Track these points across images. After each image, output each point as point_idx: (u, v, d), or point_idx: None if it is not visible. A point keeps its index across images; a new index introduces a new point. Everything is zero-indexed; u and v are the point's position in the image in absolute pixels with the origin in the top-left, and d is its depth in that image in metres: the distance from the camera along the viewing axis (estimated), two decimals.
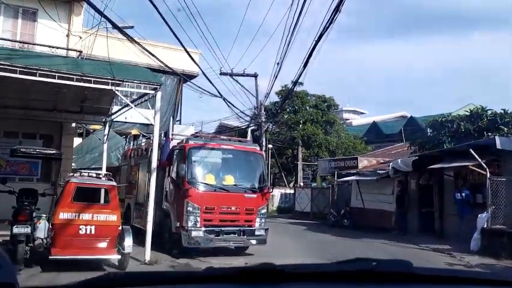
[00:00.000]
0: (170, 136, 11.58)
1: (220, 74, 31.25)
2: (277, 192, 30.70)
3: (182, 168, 10.18)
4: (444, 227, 15.29)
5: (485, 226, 12.27)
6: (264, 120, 30.57)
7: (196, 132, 12.13)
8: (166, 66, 22.40)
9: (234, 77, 31.31)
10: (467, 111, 18.43)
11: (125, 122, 21.96)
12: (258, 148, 11.99)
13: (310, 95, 33.66)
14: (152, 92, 9.92)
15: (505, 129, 16.52)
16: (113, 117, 13.54)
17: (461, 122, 17.93)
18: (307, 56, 9.69)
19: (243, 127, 32.28)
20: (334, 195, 24.45)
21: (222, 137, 11.64)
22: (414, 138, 24.94)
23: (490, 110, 17.99)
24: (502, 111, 17.50)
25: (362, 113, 65.48)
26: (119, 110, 12.97)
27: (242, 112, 30.35)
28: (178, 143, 11.38)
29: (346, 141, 33.68)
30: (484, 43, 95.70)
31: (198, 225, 10.32)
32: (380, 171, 19.35)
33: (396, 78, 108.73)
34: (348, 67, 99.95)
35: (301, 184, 28.11)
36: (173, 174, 11.04)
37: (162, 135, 12.14)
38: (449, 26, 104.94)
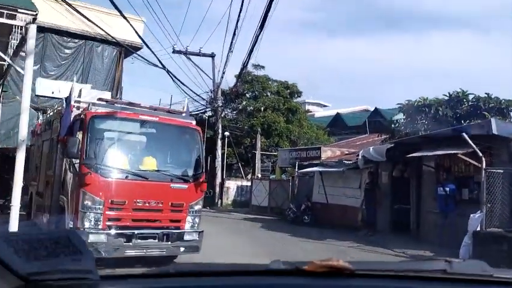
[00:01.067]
0: (73, 103, 8.29)
1: (173, 52, 28.03)
2: (233, 185, 27.74)
3: (74, 145, 6.96)
4: (422, 227, 12.75)
5: (479, 229, 9.71)
6: (220, 105, 27.51)
7: (107, 99, 8.82)
8: (103, 30, 19.07)
9: (188, 56, 28.22)
10: (445, 95, 15.99)
11: (52, 98, 18.38)
12: (194, 122, 8.89)
13: (273, 80, 30.77)
14: (21, 23, 6.63)
15: (489, 115, 14.15)
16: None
17: (440, 107, 15.47)
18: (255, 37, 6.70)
19: (198, 113, 29.11)
20: (294, 188, 21.73)
21: (143, 104, 8.44)
22: (379, 129, 22.80)
23: (472, 94, 15.64)
24: (486, 95, 15.19)
25: (325, 106, 63.36)
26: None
27: (197, 94, 27.19)
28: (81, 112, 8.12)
29: (309, 131, 31.07)
30: (444, 42, 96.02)
31: (99, 226, 7.17)
32: (347, 162, 16.69)
33: (358, 74, 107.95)
34: (311, 62, 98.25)
35: (259, 176, 25.23)
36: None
37: (64, 101, 8.87)
38: (409, 25, 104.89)
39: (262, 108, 29.13)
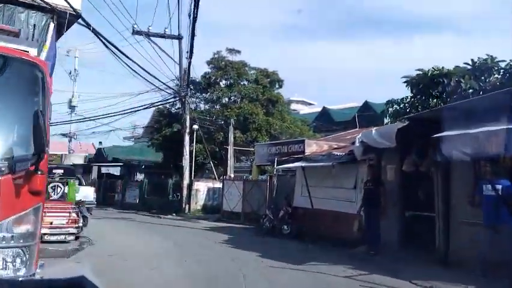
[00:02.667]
0: None
1: (133, 33, 23.56)
2: (203, 187, 23.24)
3: None
4: (453, 246, 8.40)
5: None
6: (188, 94, 23.00)
7: None
8: None
9: (150, 37, 23.72)
10: (467, 63, 11.74)
11: None
12: (34, 53, 4.44)
13: (250, 67, 26.39)
14: None
15: None
16: None
17: (462, 77, 11.22)
18: None
19: (161, 104, 24.56)
20: (272, 190, 17.31)
21: None
22: (370, 124, 18.87)
23: (503, 61, 11.41)
24: None
25: (310, 104, 59.23)
26: None
27: (162, 83, 22.63)
28: None
29: (292, 125, 26.70)
30: (424, 46, 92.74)
31: None
32: (338, 154, 12.37)
33: (344, 75, 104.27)
34: (296, 63, 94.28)
35: (232, 176, 20.74)
36: None
37: None
38: (390, 29, 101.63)
39: (238, 98, 24.72)
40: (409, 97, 12.47)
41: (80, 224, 11.86)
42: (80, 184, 19.75)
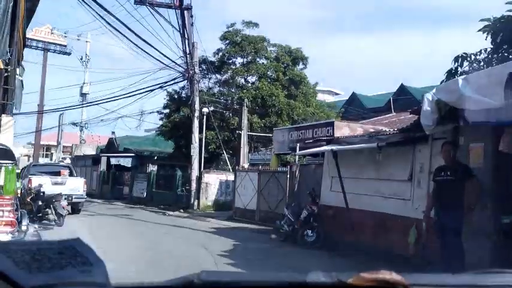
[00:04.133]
0: None
1: (136, 2, 20.30)
2: (214, 179, 19.72)
3: None
4: None
5: None
6: (197, 71, 19.47)
7: None
8: None
9: (155, 7, 20.32)
10: None
11: None
12: None
13: (269, 43, 22.62)
14: None
15: None
16: None
17: None
18: None
19: (166, 85, 21.06)
20: (293, 184, 13.63)
21: None
22: (408, 108, 14.95)
23: None
24: None
25: (337, 94, 54.95)
26: None
27: (163, 54, 19.15)
28: None
29: (317, 110, 22.85)
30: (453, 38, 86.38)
31: None
32: (386, 131, 8.60)
33: (370, 68, 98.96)
34: (321, 55, 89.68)
35: (245, 166, 17.06)
36: None
37: None
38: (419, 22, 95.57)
39: (255, 77, 21.05)
40: (489, 49, 8.51)
41: (24, 228, 8.46)
42: (70, 175, 16.56)
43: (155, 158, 30.24)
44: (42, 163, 17.94)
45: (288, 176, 13.91)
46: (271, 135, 18.42)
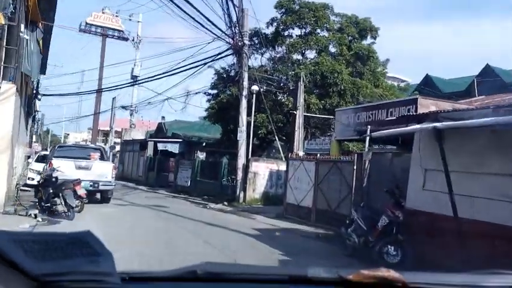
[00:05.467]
0: None
1: None
2: (263, 169, 16.85)
3: None
4: None
5: None
6: (247, 43, 16.58)
7: None
8: None
9: None
10: None
11: None
12: None
13: (332, 11, 19.18)
14: None
15: None
16: None
17: None
18: None
19: (211, 60, 18.22)
20: (361, 177, 10.40)
21: None
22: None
23: None
24: None
25: (404, 81, 49.98)
26: None
27: (210, 21, 16.41)
28: None
29: (387, 92, 19.20)
30: None
31: None
32: None
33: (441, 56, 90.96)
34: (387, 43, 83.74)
35: (300, 154, 13.89)
36: None
37: None
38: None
39: (315, 51, 17.80)
40: None
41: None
42: (101, 158, 14.38)
43: (204, 144, 27.93)
44: (70, 144, 16.04)
45: (355, 166, 10.68)
46: (332, 117, 15.17)
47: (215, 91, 21.44)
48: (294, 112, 13.45)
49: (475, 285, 1.22)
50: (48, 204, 9.99)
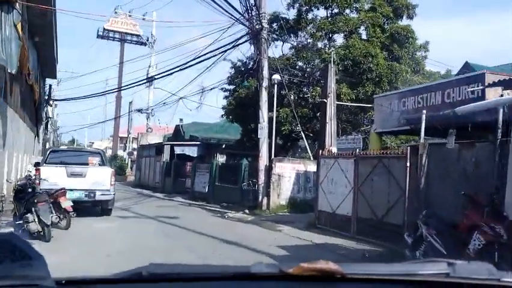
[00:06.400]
0: None
1: None
2: (288, 170, 14.48)
3: None
4: None
5: None
6: (266, 26, 14.29)
7: None
8: None
9: None
10: None
11: None
12: None
13: None
14: None
15: None
16: None
17: None
18: None
19: (227, 49, 15.86)
20: (418, 176, 7.90)
21: None
22: None
23: None
24: None
25: (443, 67, 46.72)
26: None
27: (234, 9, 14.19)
28: None
29: (427, 80, 16.52)
30: None
31: None
32: None
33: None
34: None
35: (333, 150, 11.31)
36: None
37: None
38: None
39: (344, 31, 15.32)
40: None
41: None
42: (102, 163, 12.32)
43: (223, 146, 25.74)
44: (65, 148, 13.99)
45: (409, 163, 8.17)
46: (370, 105, 12.65)
47: (232, 86, 19.20)
48: (324, 100, 11.00)
49: (411, 273, 1.21)
50: (21, 222, 7.88)
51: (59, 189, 9.15)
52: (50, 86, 29.29)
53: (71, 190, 10.91)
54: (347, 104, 14.32)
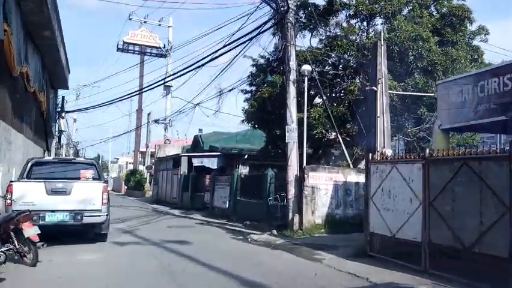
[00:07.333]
0: None
1: None
2: (324, 181, 11.79)
3: None
4: None
5: None
6: (293, 7, 11.76)
7: None
8: None
9: None
10: None
11: None
12: None
13: None
14: None
15: None
16: None
17: None
18: None
19: (244, 40, 13.29)
20: None
21: None
22: None
23: None
24: None
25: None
26: None
27: None
28: None
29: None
30: None
31: None
32: None
33: None
34: None
35: (388, 152, 8.53)
36: None
37: None
38: None
39: (388, 11, 12.66)
40: None
41: None
42: (97, 177, 9.95)
43: (246, 156, 23.19)
44: (51, 159, 11.63)
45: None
46: (431, 94, 9.88)
47: (253, 88, 16.69)
48: (374, 88, 8.30)
49: None
50: None
51: (21, 212, 6.78)
52: (63, 97, 27.53)
53: (52, 211, 8.60)
54: (397, 93, 11.51)
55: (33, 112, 18.49)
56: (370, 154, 8.28)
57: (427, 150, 7.00)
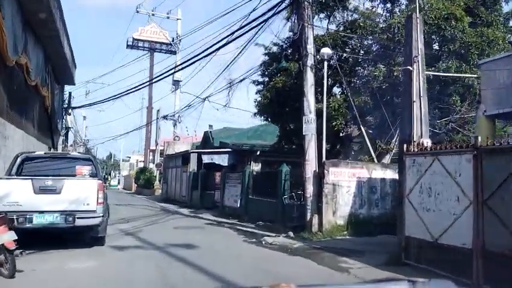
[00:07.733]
0: None
1: None
2: (346, 177, 10.55)
3: None
4: None
5: None
6: None
7: None
8: None
9: None
10: None
11: None
12: None
13: None
14: None
15: None
16: None
17: None
18: None
19: (255, 25, 12.04)
20: None
21: None
22: None
23: None
24: None
25: None
26: None
27: None
28: None
29: None
30: None
31: None
32: None
33: None
34: None
35: (426, 143, 7.27)
36: None
37: None
38: None
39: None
40: None
41: None
42: (95, 174, 8.91)
43: (258, 153, 22.06)
44: (42, 154, 10.47)
45: None
46: (474, 76, 8.61)
47: (266, 78, 15.54)
48: (409, 68, 7.04)
49: None
50: None
51: None
52: (70, 93, 26.69)
53: (40, 212, 7.56)
54: (434, 73, 10.23)
55: (36, 107, 17.59)
56: (405, 145, 7.06)
57: (479, 139, 5.76)
